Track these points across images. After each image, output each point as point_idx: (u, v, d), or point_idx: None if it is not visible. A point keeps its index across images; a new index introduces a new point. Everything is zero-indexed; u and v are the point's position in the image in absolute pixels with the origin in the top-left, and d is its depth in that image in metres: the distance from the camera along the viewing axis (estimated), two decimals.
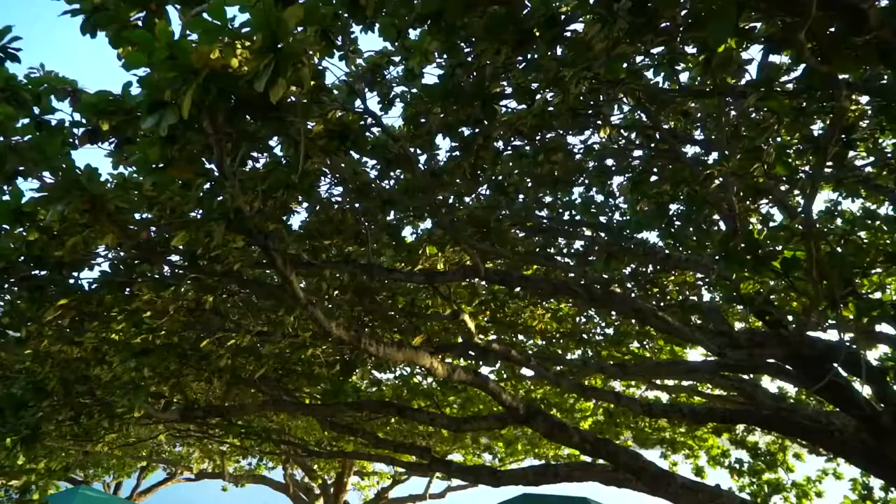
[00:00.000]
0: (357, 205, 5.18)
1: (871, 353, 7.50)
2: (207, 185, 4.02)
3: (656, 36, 2.74)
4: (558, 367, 7.44)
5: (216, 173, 4.03)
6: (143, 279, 4.47)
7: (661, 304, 6.43)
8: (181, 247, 4.11)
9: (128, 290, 4.55)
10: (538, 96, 3.57)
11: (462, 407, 9.54)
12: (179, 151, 2.86)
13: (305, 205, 5.19)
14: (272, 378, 5.83)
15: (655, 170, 6.16)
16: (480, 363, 6.95)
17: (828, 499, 11.22)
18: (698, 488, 6.08)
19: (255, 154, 4.30)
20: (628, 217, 6.56)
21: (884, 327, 6.28)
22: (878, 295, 8.01)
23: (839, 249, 5.14)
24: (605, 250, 4.74)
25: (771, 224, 6.21)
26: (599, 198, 6.98)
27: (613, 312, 8.65)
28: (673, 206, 5.74)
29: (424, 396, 8.98)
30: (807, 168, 4.91)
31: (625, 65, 3.10)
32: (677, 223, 6.19)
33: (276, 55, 2.11)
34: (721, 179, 5.12)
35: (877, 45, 2.66)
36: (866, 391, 7.15)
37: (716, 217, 6.63)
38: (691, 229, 6.47)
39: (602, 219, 6.66)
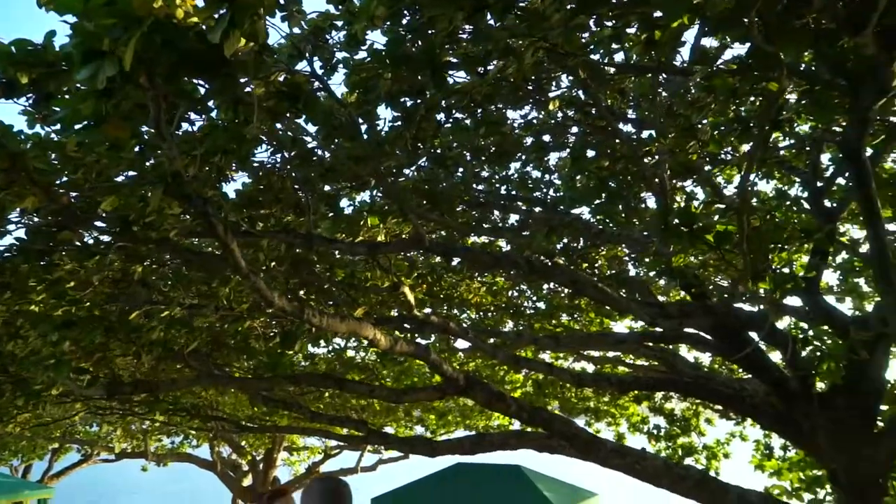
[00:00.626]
0: (295, 174, 5.03)
1: (779, 323, 8.06)
2: (138, 148, 3.79)
3: (610, 10, 2.78)
4: (493, 340, 7.58)
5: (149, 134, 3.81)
6: (65, 247, 4.19)
7: (594, 278, 6.63)
8: (108, 213, 3.87)
9: (47, 258, 4.24)
10: (491, 66, 3.56)
11: (396, 380, 9.57)
12: (115, 108, 2.67)
13: (242, 172, 4.99)
14: (203, 352, 5.63)
15: (592, 146, 6.31)
16: (417, 336, 6.98)
17: (734, 459, 12.03)
18: (626, 452, 6.38)
19: (189, 116, 4.08)
20: (562, 193, 6.70)
21: (789, 299, 6.73)
22: (786, 270, 8.59)
23: (758, 226, 5.45)
24: (546, 224, 4.83)
25: (695, 201, 6.53)
26: (536, 173, 7.09)
27: (553, 284, 8.89)
28: (599, 184, 5.90)
29: (359, 370, 8.94)
30: (738, 147, 5.17)
31: (583, 37, 3.14)
32: (608, 199, 6.39)
33: (231, 5, 1.98)
34: (656, 157, 5.31)
35: (814, 28, 2.81)
36: (777, 358, 7.68)
37: (643, 195, 6.90)
38: (621, 206, 6.70)
39: (537, 194, 6.77)
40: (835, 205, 6.29)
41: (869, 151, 4.28)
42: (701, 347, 8.38)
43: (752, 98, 4.56)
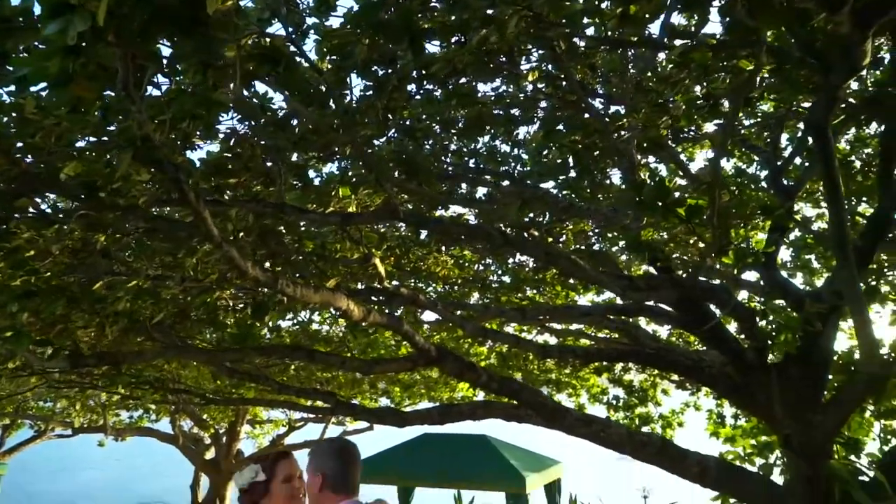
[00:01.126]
0: (264, 142, 4.91)
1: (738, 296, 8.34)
2: (101, 111, 3.63)
3: None
4: (460, 312, 7.63)
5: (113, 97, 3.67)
6: (23, 215, 4.01)
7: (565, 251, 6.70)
8: (70, 179, 3.71)
9: (4, 226, 4.06)
10: (472, 35, 3.52)
11: (362, 353, 9.58)
12: (82, 67, 2.55)
13: (208, 140, 4.84)
14: (167, 324, 5.51)
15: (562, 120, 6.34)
16: (385, 308, 6.97)
17: (687, 428, 12.50)
18: (590, 420, 6.56)
19: (156, 80, 3.92)
20: (529, 167, 6.74)
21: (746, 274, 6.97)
22: (744, 245, 8.87)
23: (725, 201, 5.59)
24: (518, 196, 4.85)
25: (661, 176, 6.64)
26: (505, 147, 7.10)
27: (518, 257, 8.99)
28: (573, 158, 5.95)
29: (325, 343, 8.91)
30: (702, 125, 5.27)
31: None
32: (578, 174, 6.45)
33: None
34: (627, 132, 5.37)
35: (791, 5, 2.86)
36: (735, 331, 7.94)
37: (609, 170, 6.98)
38: (587, 182, 6.78)
39: (505, 168, 6.79)
40: (792, 183, 6.49)
41: None
42: (661, 320, 8.62)
43: (723, 74, 4.63)
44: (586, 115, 5.63)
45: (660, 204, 3.76)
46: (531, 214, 6.98)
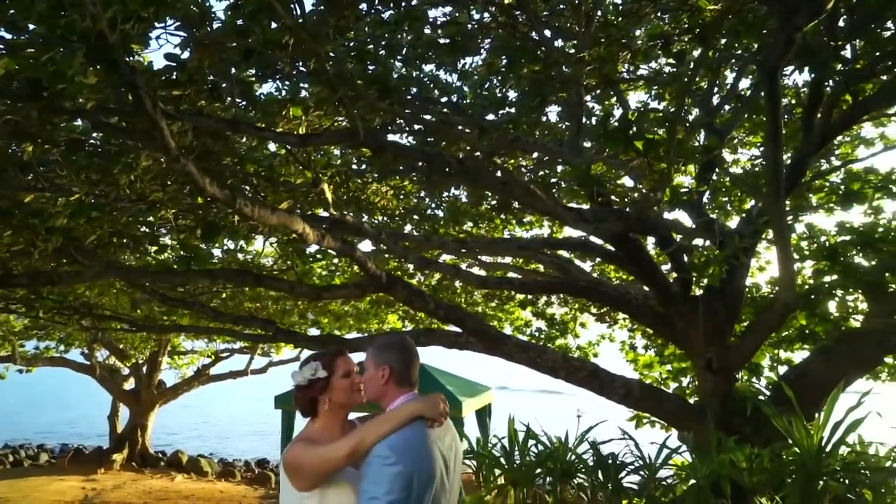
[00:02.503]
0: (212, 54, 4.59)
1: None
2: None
3: None
4: (396, 242, 7.66)
5: None
6: None
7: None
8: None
9: None
10: None
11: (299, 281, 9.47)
12: None
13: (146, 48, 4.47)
14: (94, 246, 5.20)
15: (505, 54, 6.29)
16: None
17: (602, 358, 13.31)
18: (528, 347, 6.88)
19: None
20: (470, 99, 6.70)
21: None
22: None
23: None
24: (477, 125, 4.84)
25: (611, 118, 6.79)
26: (450, 77, 6.99)
27: (452, 190, 9.03)
28: (532, 90, 5.97)
29: (258, 270, 8.71)
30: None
31: None
32: (526, 107, 6.48)
33: None
34: (582, 66, 5.41)
35: None
36: (658, 264, 8.41)
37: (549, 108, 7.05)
38: (533, 115, 6.84)
39: (446, 99, 6.71)
40: (722, 127, 6.84)
41: None
42: (593, 255, 9.03)
43: (679, 12, 4.73)
44: (541, 49, 5.63)
45: (622, 135, 3.88)
46: (485, 144, 7.01)
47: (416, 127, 6.69)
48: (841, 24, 4.84)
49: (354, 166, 7.48)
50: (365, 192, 8.63)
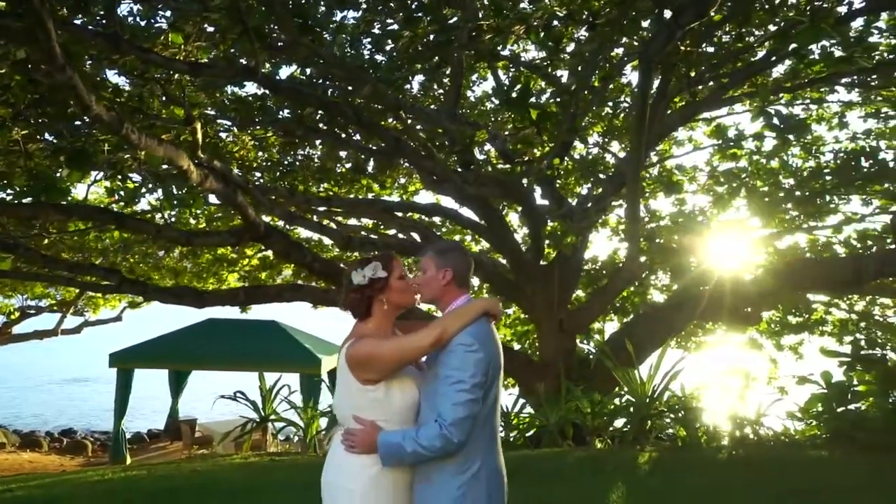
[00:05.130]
0: None
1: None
2: None
3: None
4: (264, 195, 7.36)
5: None
6: None
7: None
8: None
9: None
10: None
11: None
12: None
13: None
14: None
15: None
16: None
17: None
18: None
19: None
20: (341, 56, 6.64)
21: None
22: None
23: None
24: (372, 80, 4.84)
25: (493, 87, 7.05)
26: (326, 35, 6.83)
27: (317, 147, 8.84)
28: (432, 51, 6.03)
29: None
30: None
31: None
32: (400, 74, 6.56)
33: None
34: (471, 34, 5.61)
35: None
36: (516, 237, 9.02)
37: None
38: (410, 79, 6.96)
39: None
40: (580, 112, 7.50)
41: None
42: (453, 221, 9.41)
43: None
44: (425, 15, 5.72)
45: (522, 102, 4.16)
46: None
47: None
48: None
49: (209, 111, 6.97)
50: (223, 139, 8.14)
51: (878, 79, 7.54)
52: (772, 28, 6.63)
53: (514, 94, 4.09)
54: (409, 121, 6.02)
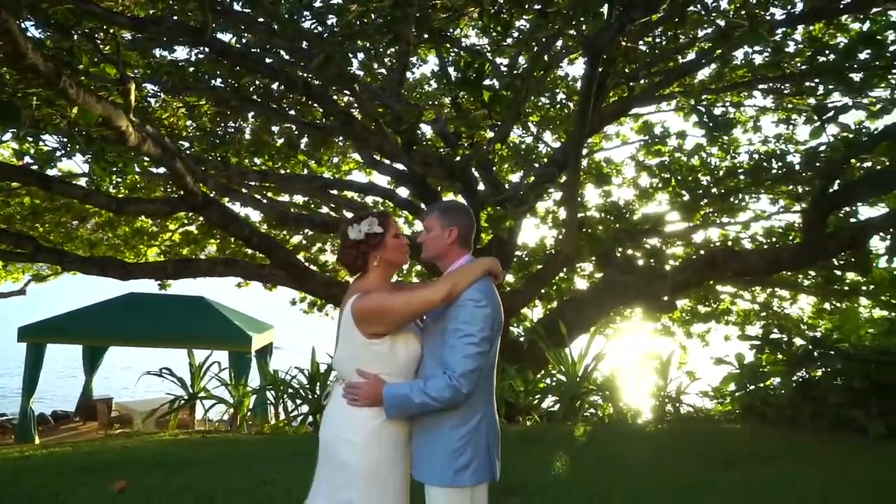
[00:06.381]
0: None
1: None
2: None
3: None
4: (198, 165, 7.07)
5: None
6: None
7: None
8: None
9: None
10: None
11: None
12: None
13: None
14: None
15: None
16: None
17: None
18: (333, 283, 7.00)
19: None
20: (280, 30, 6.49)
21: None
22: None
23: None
24: (323, 49, 4.74)
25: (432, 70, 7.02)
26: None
27: (249, 120, 8.56)
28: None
29: None
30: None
31: None
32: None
33: None
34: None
35: None
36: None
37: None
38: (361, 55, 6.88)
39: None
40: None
41: None
42: (394, 201, 9.39)
43: None
44: None
45: (476, 83, 4.23)
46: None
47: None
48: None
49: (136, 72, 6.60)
50: (151, 104, 7.74)
51: (790, 87, 8.16)
52: (703, 31, 7.03)
53: (468, 75, 4.14)
54: (367, 95, 5.94)
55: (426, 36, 6.34)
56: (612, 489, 3.16)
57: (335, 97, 5.75)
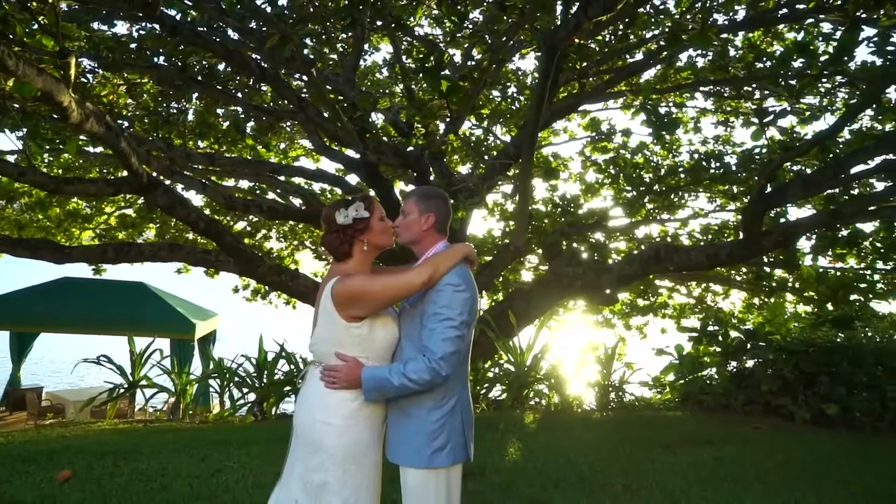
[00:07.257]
0: None
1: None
2: None
3: None
4: (140, 145, 6.80)
5: None
6: None
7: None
8: None
9: None
10: None
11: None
12: None
13: None
14: None
15: None
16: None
17: None
18: (282, 271, 6.91)
19: None
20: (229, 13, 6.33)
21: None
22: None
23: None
24: (279, 30, 4.64)
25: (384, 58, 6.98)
26: None
27: (193, 102, 8.29)
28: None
29: None
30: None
31: None
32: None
33: None
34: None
35: None
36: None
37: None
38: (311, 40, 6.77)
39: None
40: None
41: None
42: (343, 188, 9.28)
43: None
44: None
45: (436, 73, 4.24)
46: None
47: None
48: None
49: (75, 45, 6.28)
50: (90, 81, 7.39)
51: (730, 90, 8.54)
52: (651, 33, 7.26)
53: (428, 64, 4.15)
54: (321, 80, 5.84)
55: (379, 23, 6.30)
56: (563, 470, 3.27)
57: (288, 80, 5.63)
